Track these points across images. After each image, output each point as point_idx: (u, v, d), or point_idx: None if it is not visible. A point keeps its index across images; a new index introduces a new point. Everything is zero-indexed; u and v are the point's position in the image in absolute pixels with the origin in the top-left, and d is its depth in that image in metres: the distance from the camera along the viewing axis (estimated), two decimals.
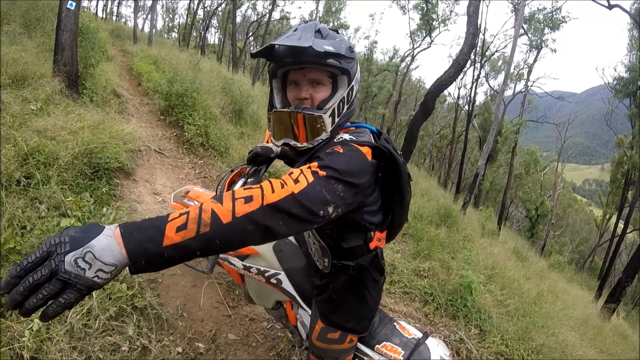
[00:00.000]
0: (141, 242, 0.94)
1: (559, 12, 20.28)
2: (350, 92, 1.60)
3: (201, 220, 1.00)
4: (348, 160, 1.35)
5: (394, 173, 1.59)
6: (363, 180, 1.38)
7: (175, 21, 40.54)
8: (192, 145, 6.83)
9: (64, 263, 0.87)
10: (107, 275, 0.91)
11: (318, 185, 1.21)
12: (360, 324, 1.89)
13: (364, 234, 1.71)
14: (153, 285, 3.38)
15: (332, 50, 1.46)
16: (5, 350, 2.21)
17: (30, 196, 3.44)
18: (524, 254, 10.48)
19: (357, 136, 1.54)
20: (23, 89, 5.22)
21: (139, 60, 11.69)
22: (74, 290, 0.87)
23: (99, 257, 0.89)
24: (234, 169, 2.52)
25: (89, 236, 0.91)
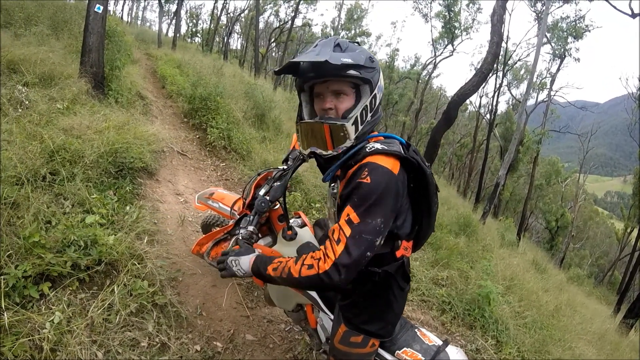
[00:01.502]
0: (258, 267, 1.72)
1: (582, 20, 19.98)
2: (373, 100, 1.68)
3: (283, 270, 1.61)
4: (377, 189, 1.50)
5: (421, 184, 1.69)
6: (394, 201, 1.56)
7: (198, 26, 40.86)
8: (215, 148, 6.88)
9: (226, 258, 1.80)
10: (242, 274, 1.77)
11: (358, 234, 1.50)
12: (384, 328, 1.89)
13: (391, 243, 1.74)
14: (173, 284, 3.41)
15: (350, 61, 1.55)
16: (25, 341, 2.24)
17: (55, 192, 3.48)
18: (543, 266, 10.35)
19: (389, 146, 1.60)
20: (50, 88, 5.32)
21: (163, 63, 11.82)
22: (227, 272, 1.80)
23: (241, 263, 1.77)
24: (260, 172, 2.55)
25: (244, 253, 1.81)
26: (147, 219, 3.85)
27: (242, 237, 2.05)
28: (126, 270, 3.02)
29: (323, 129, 1.64)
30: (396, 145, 1.65)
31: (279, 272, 1.62)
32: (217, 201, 3.12)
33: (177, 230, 4.25)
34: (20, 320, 2.33)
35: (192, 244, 4.12)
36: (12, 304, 2.38)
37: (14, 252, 2.61)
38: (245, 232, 2.07)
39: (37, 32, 6.88)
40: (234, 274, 1.77)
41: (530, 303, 5.49)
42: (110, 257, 3.00)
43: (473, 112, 33.73)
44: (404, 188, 1.61)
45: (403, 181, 1.59)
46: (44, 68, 5.63)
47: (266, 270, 1.67)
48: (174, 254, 3.78)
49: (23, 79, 5.19)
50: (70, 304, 2.62)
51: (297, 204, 5.37)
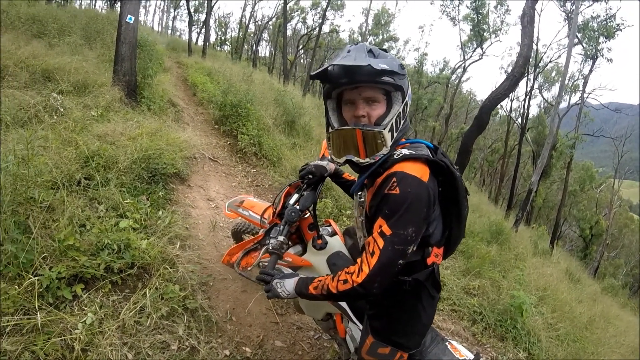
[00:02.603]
0: (301, 288, 1.77)
1: (613, 19, 19.33)
2: (404, 107, 1.66)
3: (322, 288, 1.67)
4: (406, 199, 1.49)
5: (451, 187, 1.65)
6: (426, 209, 1.54)
7: (227, 34, 41.37)
8: (245, 155, 6.92)
9: (272, 280, 1.85)
10: (286, 295, 1.80)
11: (390, 245, 1.51)
12: (412, 340, 1.86)
13: (422, 250, 1.71)
14: (204, 289, 3.42)
15: (387, 68, 1.53)
16: (57, 341, 2.27)
17: (89, 196, 3.55)
18: (577, 276, 10.12)
19: (416, 150, 1.60)
20: (84, 96, 5.45)
21: (193, 71, 11.98)
22: (272, 294, 1.83)
23: (286, 285, 1.81)
24: (291, 183, 2.53)
25: (288, 277, 1.85)
26: (179, 224, 3.88)
27: (273, 247, 2.02)
28: (158, 274, 3.05)
29: (357, 136, 1.60)
30: (424, 150, 1.63)
31: (319, 290, 1.69)
32: (247, 209, 3.11)
33: (208, 236, 4.27)
34: (53, 320, 2.36)
35: (223, 249, 4.14)
36: (46, 304, 2.42)
37: (49, 254, 2.66)
38: (275, 242, 2.03)
39: (71, 42, 7.06)
40: (279, 295, 1.82)
41: (564, 314, 5.36)
42: (142, 261, 3.04)
43: (504, 116, 33.08)
44: (435, 195, 1.58)
45: (433, 188, 1.57)
46: (78, 77, 5.77)
47: (308, 290, 1.74)
48: (205, 259, 3.80)
49: (58, 87, 5.32)
50: (102, 305, 2.65)
51: (327, 210, 5.35)
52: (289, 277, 1.84)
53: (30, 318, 2.28)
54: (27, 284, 2.38)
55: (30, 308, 2.34)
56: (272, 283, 1.85)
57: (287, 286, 1.81)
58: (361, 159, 1.63)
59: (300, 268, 2.37)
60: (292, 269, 2.36)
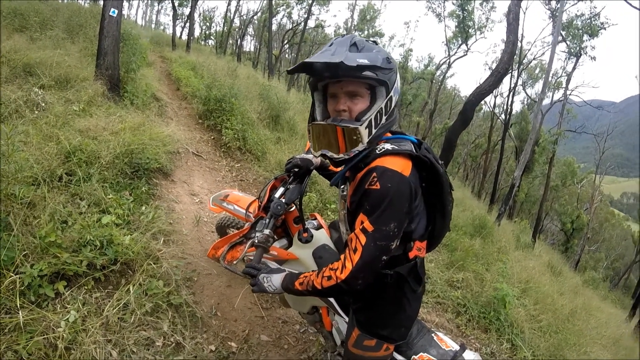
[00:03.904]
0: (287, 284, 1.80)
1: (598, 18, 19.57)
2: (388, 103, 1.62)
3: (307, 284, 1.70)
4: (386, 194, 1.49)
5: (435, 182, 1.65)
6: (407, 203, 1.54)
7: (212, 29, 41.08)
8: (230, 149, 6.89)
9: (259, 274, 1.89)
10: (272, 290, 1.84)
11: (372, 242, 1.52)
12: (397, 332, 1.87)
13: (404, 244, 1.71)
14: (189, 284, 3.41)
15: (366, 63, 1.49)
16: (39, 340, 2.25)
17: (71, 192, 3.51)
18: (559, 269, 10.25)
19: (399, 145, 1.59)
20: (66, 90, 5.38)
21: (177, 66, 11.89)
22: (257, 288, 1.88)
23: (272, 281, 1.85)
24: (277, 176, 2.53)
25: (275, 272, 1.88)
26: (163, 219, 3.85)
27: (258, 240, 2.03)
28: (142, 270, 3.03)
29: (336, 131, 1.60)
30: (407, 145, 1.62)
31: (304, 286, 1.72)
32: (232, 203, 3.11)
33: (192, 231, 4.25)
34: (35, 318, 2.34)
35: (207, 244, 4.13)
36: (28, 302, 2.39)
37: (30, 251, 2.62)
38: (261, 236, 2.05)
39: (53, 36, 6.95)
40: (265, 290, 1.86)
41: (546, 306, 5.43)
42: (126, 257, 3.01)
43: (488, 112, 33.33)
44: (417, 189, 1.59)
45: (415, 182, 1.57)
46: (60, 71, 5.70)
47: (294, 286, 1.77)
48: (190, 254, 3.78)
49: (39, 82, 5.25)
50: (85, 303, 2.62)
51: (312, 204, 5.35)
52: (276, 273, 1.88)
53: (12, 317, 2.26)
54: (8, 282, 2.35)
55: (11, 307, 2.31)
56: (258, 277, 1.89)
57: (274, 281, 1.84)
58: (335, 154, 1.64)
59: (286, 261, 2.36)
60: (277, 262, 2.36)
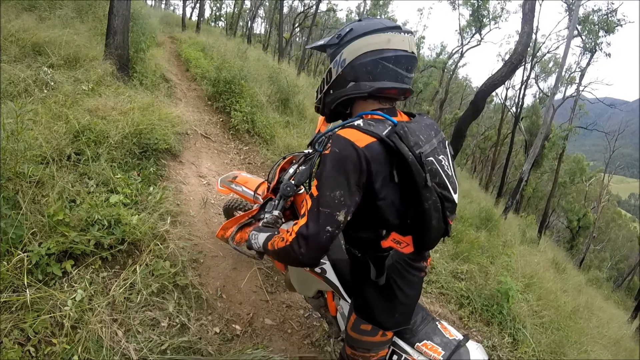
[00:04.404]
0: (265, 243, 1.77)
1: (614, 14, 19.27)
2: (328, 74, 1.75)
3: (272, 244, 1.69)
4: (334, 160, 1.48)
5: (405, 174, 1.52)
6: (354, 174, 1.47)
7: (222, 10, 40.90)
8: (238, 132, 6.88)
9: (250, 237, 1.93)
10: (256, 247, 1.88)
11: (316, 207, 1.48)
12: (392, 319, 1.84)
13: (375, 230, 1.68)
14: (195, 265, 3.43)
15: (318, 44, 1.81)
16: (46, 318, 2.27)
17: (79, 172, 3.52)
18: (563, 266, 10.22)
19: (368, 125, 1.54)
20: (75, 70, 5.36)
21: (187, 46, 11.84)
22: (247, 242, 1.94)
23: (259, 238, 1.85)
24: (285, 156, 2.53)
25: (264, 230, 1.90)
26: (171, 200, 3.87)
27: (267, 221, 2.04)
28: (149, 250, 3.04)
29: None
30: (381, 126, 1.54)
31: (272, 246, 1.69)
32: (241, 185, 3.12)
33: (199, 212, 4.27)
34: (42, 297, 2.36)
35: (214, 226, 4.14)
36: (35, 281, 2.41)
37: (38, 230, 2.64)
38: (270, 217, 2.05)
39: (62, 15, 6.91)
40: (252, 245, 1.90)
41: (549, 303, 5.42)
42: (133, 237, 3.02)
43: (499, 104, 33.05)
44: (376, 166, 1.49)
45: (373, 158, 1.47)
46: (69, 50, 5.67)
47: (267, 246, 1.75)
48: (196, 235, 3.80)
49: (48, 61, 5.23)
50: (92, 282, 2.64)
51: None
52: (264, 231, 1.89)
53: (19, 295, 2.28)
54: (16, 261, 2.36)
55: (19, 285, 2.33)
56: (250, 233, 1.94)
57: (259, 239, 1.85)
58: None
59: None
60: None
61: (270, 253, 1.75)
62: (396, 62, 1.60)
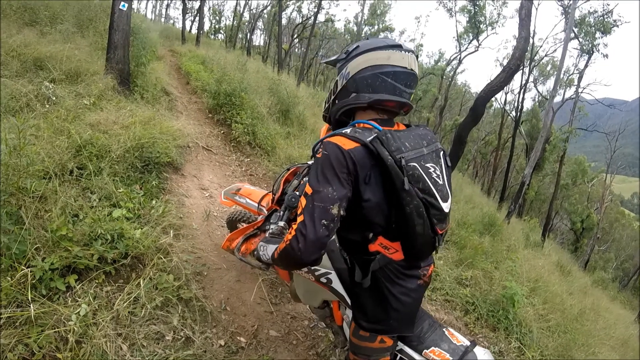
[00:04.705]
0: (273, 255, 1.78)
1: (610, 15, 19.31)
2: (334, 86, 1.89)
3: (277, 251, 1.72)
4: (324, 160, 1.58)
5: (385, 175, 1.61)
6: (343, 169, 1.57)
7: (221, 23, 41.12)
8: (239, 144, 6.89)
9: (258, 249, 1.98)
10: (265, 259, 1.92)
11: (311, 203, 1.55)
12: (388, 325, 1.85)
13: (361, 232, 1.73)
14: (198, 278, 3.42)
15: (330, 59, 2.00)
16: (50, 333, 2.26)
17: (82, 186, 3.53)
18: (568, 268, 10.19)
19: (354, 132, 1.64)
20: (77, 84, 5.39)
21: (187, 60, 11.90)
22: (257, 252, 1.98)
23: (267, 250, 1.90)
24: (290, 167, 2.55)
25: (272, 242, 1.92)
26: (173, 213, 3.86)
27: (273, 232, 2.06)
28: (152, 264, 3.04)
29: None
30: (367, 133, 1.64)
31: (276, 254, 1.74)
32: (245, 197, 3.14)
33: (202, 225, 4.26)
34: (47, 312, 2.35)
35: (217, 238, 4.14)
36: (39, 295, 2.41)
37: (42, 245, 2.64)
38: (276, 228, 2.08)
39: (63, 30, 6.96)
40: (260, 257, 1.95)
41: (555, 306, 5.39)
42: (136, 251, 3.02)
43: (498, 109, 33.06)
44: (360, 168, 1.57)
45: (357, 160, 1.57)
46: (70, 65, 5.71)
47: (274, 256, 1.77)
48: (199, 248, 3.80)
49: (50, 76, 5.27)
50: (96, 296, 2.64)
51: None
52: (272, 243, 1.92)
53: (23, 310, 2.27)
54: (20, 276, 2.36)
55: (23, 300, 2.32)
56: (258, 245, 1.99)
57: (268, 251, 1.90)
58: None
59: None
60: None
61: (277, 262, 1.79)
62: (395, 77, 1.70)
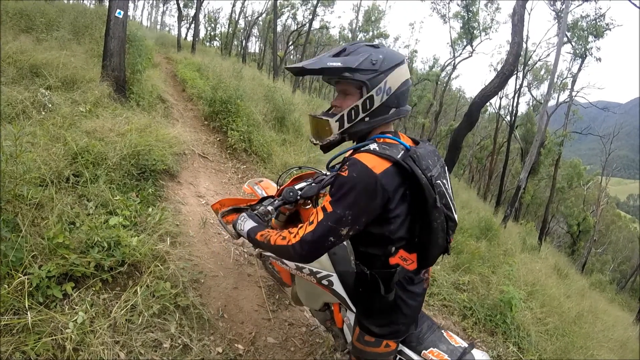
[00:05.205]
0: (253, 231, 1.94)
1: (603, 19, 19.55)
2: (368, 101, 1.70)
3: (266, 237, 1.81)
4: (349, 182, 1.55)
5: (417, 194, 1.63)
6: (368, 198, 1.56)
7: (217, 30, 41.29)
8: (235, 151, 6.90)
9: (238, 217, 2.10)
10: (239, 229, 2.03)
11: (326, 221, 1.58)
12: (395, 331, 1.90)
13: (383, 247, 1.73)
14: (196, 286, 3.41)
15: (337, 65, 1.66)
16: (47, 341, 2.25)
17: (78, 193, 3.52)
18: (565, 272, 10.20)
19: (383, 149, 1.62)
20: (73, 91, 5.40)
21: (183, 67, 11.92)
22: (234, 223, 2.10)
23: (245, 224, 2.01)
24: (302, 167, 2.63)
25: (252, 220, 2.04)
26: (170, 221, 3.85)
27: (259, 212, 2.18)
28: (149, 271, 3.03)
29: (314, 122, 1.85)
30: (395, 149, 1.64)
31: (263, 238, 1.84)
32: (262, 188, 3.26)
33: (199, 232, 4.25)
34: (44, 319, 2.34)
35: (214, 245, 4.14)
36: (36, 303, 2.39)
37: (38, 252, 2.63)
38: (262, 209, 2.20)
39: (59, 37, 6.97)
40: (236, 225, 2.07)
41: (552, 309, 5.39)
42: (133, 259, 3.01)
43: (493, 113, 33.25)
44: (391, 191, 1.58)
45: (388, 183, 1.56)
46: (66, 72, 5.71)
47: (255, 235, 1.91)
48: (196, 255, 3.79)
49: (46, 83, 5.27)
50: (93, 304, 2.62)
51: None
52: (252, 221, 2.05)
53: (20, 318, 2.26)
54: (17, 283, 2.35)
55: (20, 308, 2.31)
56: (239, 215, 2.12)
57: (246, 225, 2.02)
58: (315, 141, 1.87)
59: None
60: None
61: (255, 242, 1.93)
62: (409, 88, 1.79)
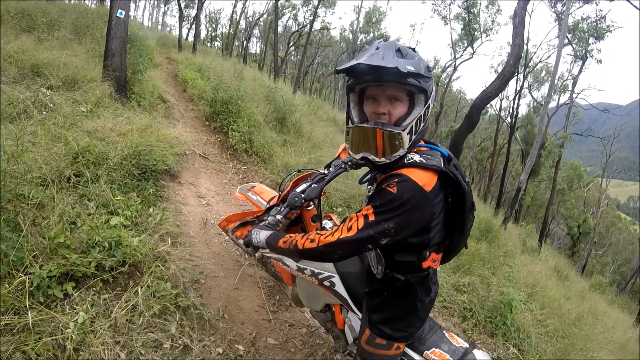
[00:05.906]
0: (272, 240, 1.88)
1: (604, 21, 19.58)
2: (426, 110, 1.64)
3: (291, 243, 1.75)
4: (399, 199, 1.50)
5: (459, 200, 1.67)
6: (417, 216, 1.55)
7: (218, 30, 41.27)
8: (236, 151, 6.90)
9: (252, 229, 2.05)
10: (256, 242, 1.96)
11: (367, 229, 1.54)
12: (408, 333, 1.91)
13: (419, 253, 1.73)
14: (196, 286, 3.41)
15: (413, 70, 1.50)
16: (48, 341, 2.25)
17: (79, 193, 3.52)
18: (565, 273, 10.18)
19: (427, 159, 1.58)
20: (74, 91, 5.39)
21: (184, 67, 11.90)
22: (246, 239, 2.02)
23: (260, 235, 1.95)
24: (301, 170, 2.61)
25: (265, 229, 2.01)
26: (170, 221, 3.85)
27: (269, 222, 2.13)
28: (150, 271, 3.03)
29: (377, 135, 1.60)
30: (437, 158, 1.61)
31: (287, 244, 1.77)
32: (257, 194, 3.23)
33: (199, 233, 4.25)
34: (44, 319, 2.34)
35: (214, 246, 4.14)
36: (37, 303, 2.40)
37: (39, 252, 2.63)
38: (272, 219, 2.15)
39: (60, 37, 6.96)
40: (251, 241, 1.99)
41: (552, 311, 5.38)
42: (134, 259, 3.01)
43: (493, 115, 33.23)
44: (439, 207, 1.60)
45: (436, 199, 1.57)
46: (68, 72, 5.71)
47: (277, 243, 1.84)
48: (197, 256, 3.79)
49: (47, 82, 5.26)
50: (94, 304, 2.62)
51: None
52: (265, 230, 2.01)
53: (21, 317, 2.26)
54: (18, 283, 2.35)
55: (20, 307, 2.31)
56: (250, 230, 2.04)
57: (260, 235, 1.95)
58: (377, 157, 1.63)
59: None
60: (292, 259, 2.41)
61: (277, 249, 1.88)
62: None
